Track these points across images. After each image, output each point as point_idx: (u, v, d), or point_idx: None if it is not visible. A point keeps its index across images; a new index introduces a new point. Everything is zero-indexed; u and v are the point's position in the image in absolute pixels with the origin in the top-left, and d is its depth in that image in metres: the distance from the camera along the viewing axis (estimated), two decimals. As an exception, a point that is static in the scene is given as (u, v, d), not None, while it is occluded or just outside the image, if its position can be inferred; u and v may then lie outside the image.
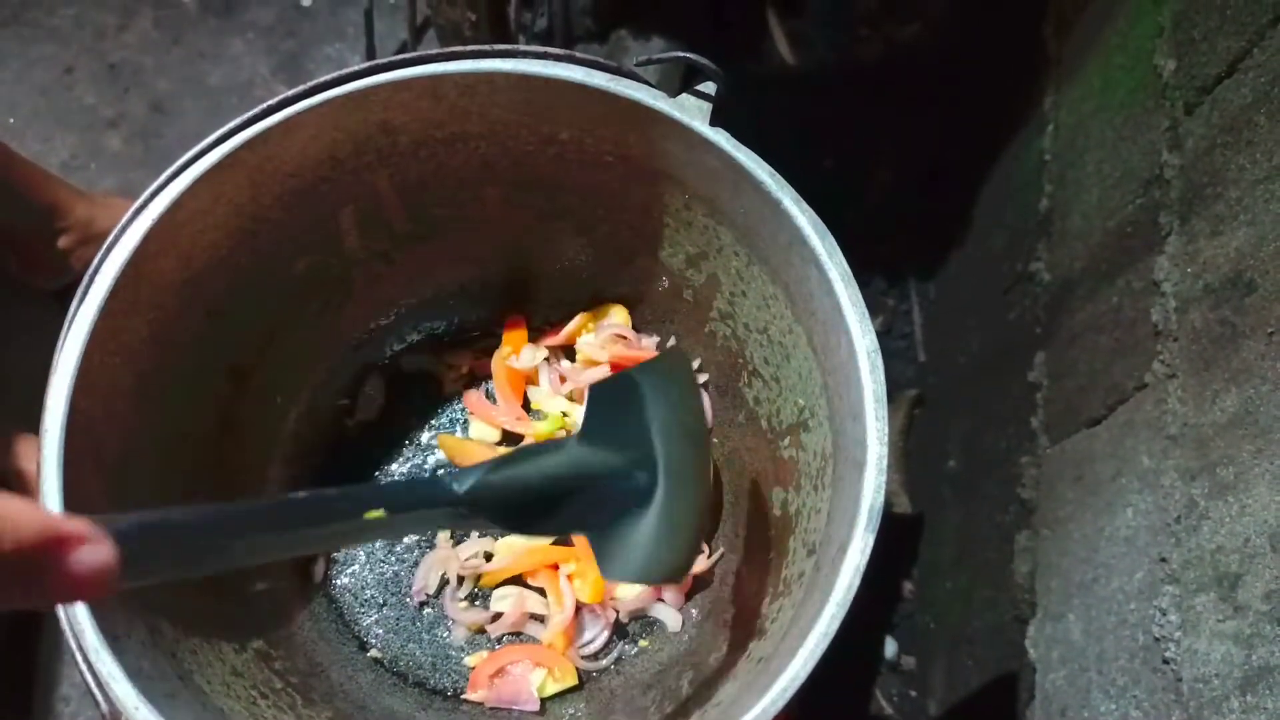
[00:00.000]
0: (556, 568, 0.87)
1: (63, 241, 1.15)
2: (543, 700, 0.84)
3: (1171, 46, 0.88)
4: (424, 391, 0.96)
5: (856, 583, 0.58)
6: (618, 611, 0.86)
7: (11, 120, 1.46)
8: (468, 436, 0.94)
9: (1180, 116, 0.85)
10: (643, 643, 0.87)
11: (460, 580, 0.88)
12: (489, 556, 0.89)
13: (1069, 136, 1.07)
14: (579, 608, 0.86)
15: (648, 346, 0.93)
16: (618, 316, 0.94)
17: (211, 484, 0.80)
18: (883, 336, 1.44)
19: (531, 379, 0.96)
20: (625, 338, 0.93)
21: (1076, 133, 1.05)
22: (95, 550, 0.33)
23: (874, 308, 1.45)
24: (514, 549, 0.87)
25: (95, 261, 0.65)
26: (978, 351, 1.27)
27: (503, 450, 0.92)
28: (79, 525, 0.34)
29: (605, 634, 0.86)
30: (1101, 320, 0.94)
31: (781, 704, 0.56)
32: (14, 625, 1.17)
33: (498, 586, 0.88)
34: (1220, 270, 0.76)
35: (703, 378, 0.91)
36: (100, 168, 1.45)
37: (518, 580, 0.88)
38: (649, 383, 0.65)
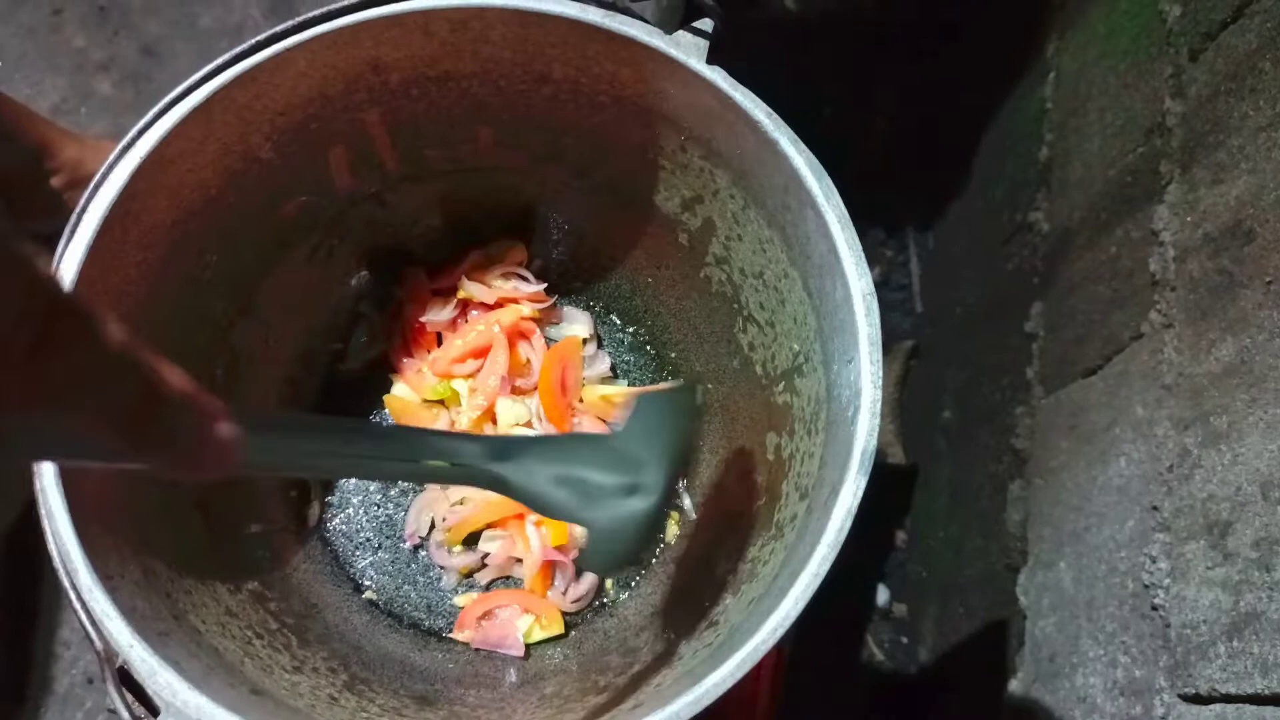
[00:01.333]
0: (522, 516, 0.87)
1: (54, 183, 1.13)
2: (528, 645, 0.84)
3: (1178, -10, 0.87)
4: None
5: (848, 525, 0.58)
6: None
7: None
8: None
9: (1184, 63, 0.84)
10: (628, 591, 0.88)
11: (436, 522, 0.89)
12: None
13: (1071, 84, 1.06)
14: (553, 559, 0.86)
15: (538, 289, 0.93)
16: (514, 256, 0.94)
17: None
18: (880, 287, 1.43)
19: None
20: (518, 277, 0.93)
21: (1079, 80, 1.04)
22: (225, 426, 0.36)
23: (871, 258, 1.43)
24: (482, 499, 0.88)
25: (82, 200, 0.64)
26: (975, 302, 1.26)
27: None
28: (217, 401, 0.36)
29: (580, 581, 0.87)
30: (1100, 270, 0.93)
31: (772, 642, 0.56)
32: (13, 573, 1.17)
33: (487, 528, 0.88)
34: (1220, 219, 0.76)
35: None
36: (91, 111, 1.43)
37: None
38: (673, 405, 0.70)
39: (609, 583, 0.88)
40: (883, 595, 1.32)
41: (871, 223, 1.44)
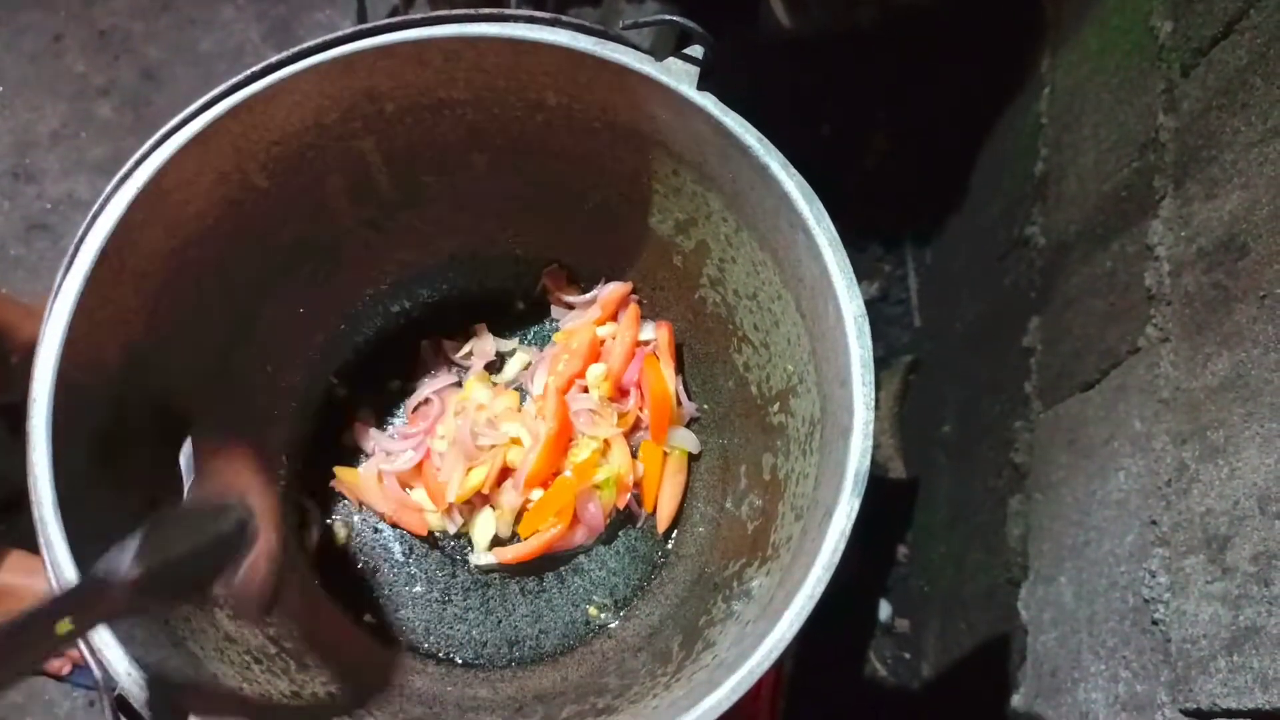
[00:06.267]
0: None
1: (14, 360, 1.11)
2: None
3: (1169, 8, 0.87)
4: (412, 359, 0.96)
5: (842, 546, 0.58)
6: None
7: (0, 89, 1.45)
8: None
9: (1176, 79, 0.84)
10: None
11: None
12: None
13: (1065, 100, 1.06)
14: None
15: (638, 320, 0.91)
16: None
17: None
18: (879, 302, 1.44)
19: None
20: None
21: (1073, 96, 1.04)
22: None
23: (870, 273, 1.44)
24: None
25: (80, 231, 0.64)
26: (973, 317, 1.27)
27: None
28: None
29: None
30: (1096, 284, 0.94)
31: (768, 664, 0.56)
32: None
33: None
34: (1214, 234, 0.76)
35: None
36: (91, 136, 1.44)
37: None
38: None
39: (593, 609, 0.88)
40: (885, 611, 1.32)
41: (870, 238, 1.45)
